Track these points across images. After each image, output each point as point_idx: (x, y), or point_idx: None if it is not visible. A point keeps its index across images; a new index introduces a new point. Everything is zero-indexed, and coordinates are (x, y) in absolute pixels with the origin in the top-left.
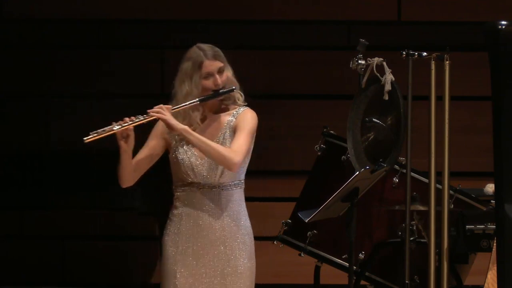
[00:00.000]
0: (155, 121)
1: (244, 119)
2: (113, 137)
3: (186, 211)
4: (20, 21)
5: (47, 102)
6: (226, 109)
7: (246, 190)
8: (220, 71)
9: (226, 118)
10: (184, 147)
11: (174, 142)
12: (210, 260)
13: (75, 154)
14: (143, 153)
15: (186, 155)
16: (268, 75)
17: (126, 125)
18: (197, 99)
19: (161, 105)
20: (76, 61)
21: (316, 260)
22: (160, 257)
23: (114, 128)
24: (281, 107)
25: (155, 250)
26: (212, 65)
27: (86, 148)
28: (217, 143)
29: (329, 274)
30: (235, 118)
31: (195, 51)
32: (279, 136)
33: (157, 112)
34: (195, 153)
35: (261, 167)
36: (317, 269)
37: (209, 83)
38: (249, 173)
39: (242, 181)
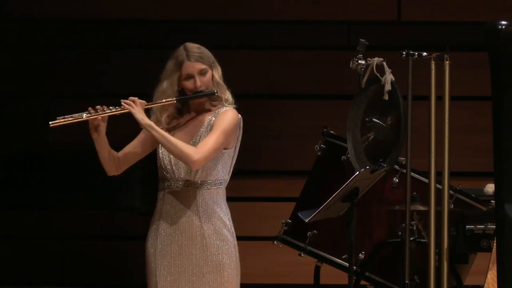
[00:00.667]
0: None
1: (221, 118)
2: (113, 135)
3: (165, 209)
4: (20, 21)
5: (47, 102)
6: (207, 109)
7: (246, 191)
8: (202, 73)
9: (207, 117)
10: None
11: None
12: (188, 258)
13: (75, 154)
14: (131, 145)
15: (165, 152)
16: (268, 75)
17: (95, 115)
18: (174, 98)
19: (135, 98)
20: (76, 61)
21: (316, 260)
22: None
23: (83, 116)
24: (281, 107)
25: None
26: (192, 66)
27: (86, 148)
28: (194, 141)
29: (329, 274)
30: (214, 117)
31: (180, 50)
32: (279, 136)
33: (128, 104)
34: None
35: (261, 167)
36: (317, 269)
37: (189, 84)
38: (249, 173)
39: (222, 180)
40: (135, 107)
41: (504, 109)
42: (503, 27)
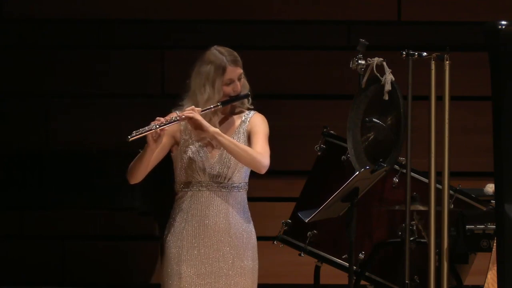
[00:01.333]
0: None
1: (257, 123)
2: (111, 137)
3: (192, 211)
4: (20, 21)
5: (47, 102)
6: (235, 112)
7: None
8: (240, 77)
9: (237, 121)
10: (195, 146)
11: (183, 141)
12: (215, 261)
13: (75, 154)
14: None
15: (198, 154)
16: (268, 75)
17: (164, 125)
18: (219, 103)
19: (193, 107)
20: (76, 61)
21: (316, 260)
22: (161, 257)
23: (156, 127)
24: (281, 107)
25: (155, 250)
26: (234, 71)
27: (86, 148)
28: (231, 139)
29: (329, 274)
30: (248, 122)
31: (215, 54)
32: (279, 136)
33: (191, 113)
34: (208, 153)
35: None
36: (317, 269)
37: (229, 89)
38: (249, 173)
39: (247, 184)
40: (198, 115)
41: (504, 109)
42: (503, 27)
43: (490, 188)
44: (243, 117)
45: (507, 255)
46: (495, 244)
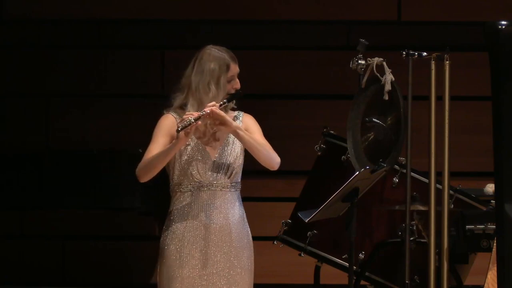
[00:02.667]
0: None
1: (252, 123)
2: (111, 137)
3: (192, 212)
4: (20, 21)
5: (47, 102)
6: (226, 111)
7: (246, 190)
8: (238, 74)
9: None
10: (193, 147)
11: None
12: (217, 261)
13: (75, 154)
14: (159, 150)
15: (197, 155)
16: (268, 75)
17: (199, 117)
18: (225, 100)
19: (214, 103)
20: (76, 61)
21: (316, 260)
22: (158, 258)
23: (192, 121)
24: (281, 107)
25: (155, 250)
26: (235, 68)
27: (86, 148)
28: (227, 143)
29: (329, 274)
30: (242, 123)
31: (216, 52)
32: (279, 136)
33: (215, 109)
34: (207, 154)
35: (261, 167)
36: (317, 269)
37: (229, 86)
38: (249, 173)
39: (240, 183)
40: (220, 111)
41: (504, 109)
42: (503, 27)
43: (490, 188)
44: (234, 117)
45: (507, 255)
46: (495, 244)
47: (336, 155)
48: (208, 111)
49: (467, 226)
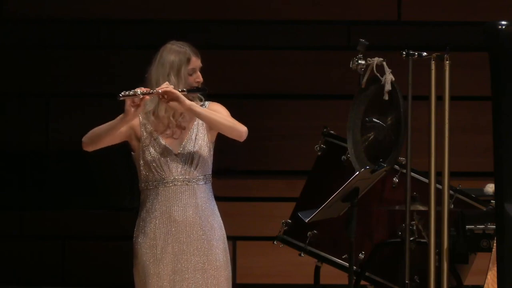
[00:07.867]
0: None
1: (217, 108)
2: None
3: (160, 208)
4: (20, 21)
5: (47, 102)
6: None
7: (246, 191)
8: (200, 69)
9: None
10: (157, 143)
11: (143, 138)
12: (190, 255)
13: (75, 154)
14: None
15: (160, 151)
16: (268, 75)
17: (145, 94)
18: (185, 89)
19: (167, 83)
20: (76, 61)
21: (316, 260)
22: (134, 257)
23: (138, 92)
24: (281, 107)
25: None
26: (197, 62)
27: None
28: (192, 132)
29: (329, 274)
30: (206, 107)
31: (178, 46)
32: (279, 136)
33: (167, 87)
34: (170, 148)
35: (261, 167)
36: (317, 269)
37: (191, 79)
38: (249, 173)
39: (211, 175)
40: (173, 89)
41: (504, 109)
42: (503, 27)
43: (490, 188)
44: (201, 106)
45: (507, 255)
46: (495, 244)
47: (336, 155)
48: (160, 91)
49: (467, 226)
